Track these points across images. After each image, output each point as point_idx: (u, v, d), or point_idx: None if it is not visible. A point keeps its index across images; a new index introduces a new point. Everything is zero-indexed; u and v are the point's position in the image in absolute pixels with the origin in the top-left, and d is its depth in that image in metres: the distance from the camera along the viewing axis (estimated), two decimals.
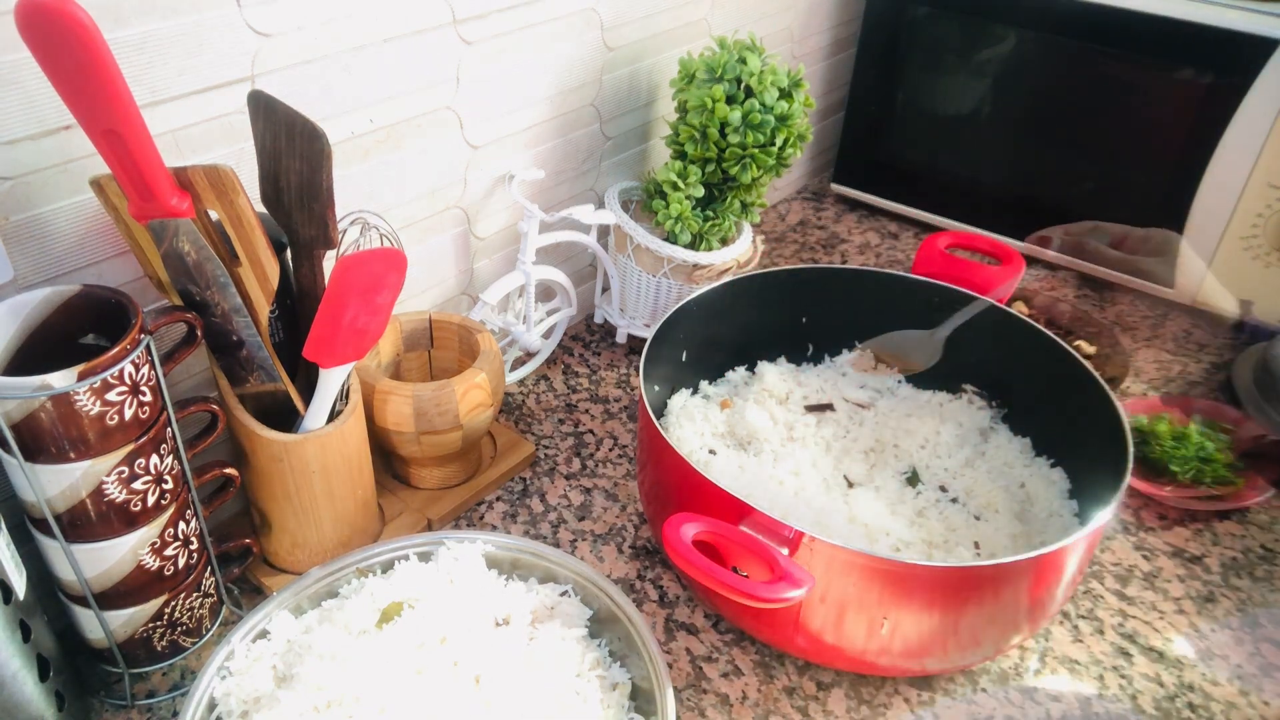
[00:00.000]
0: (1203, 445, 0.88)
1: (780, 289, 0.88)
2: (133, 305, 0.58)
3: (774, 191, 1.35)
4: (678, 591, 0.77)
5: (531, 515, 0.84)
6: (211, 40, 0.63)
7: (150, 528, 0.61)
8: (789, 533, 0.59)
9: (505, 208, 0.93)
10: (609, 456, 0.90)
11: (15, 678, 0.56)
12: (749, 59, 0.90)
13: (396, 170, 0.80)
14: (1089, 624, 0.76)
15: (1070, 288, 1.17)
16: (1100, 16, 1.02)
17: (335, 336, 0.64)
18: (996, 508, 0.76)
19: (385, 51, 0.74)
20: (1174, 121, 1.02)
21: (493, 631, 0.62)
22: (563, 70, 0.91)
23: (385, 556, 0.66)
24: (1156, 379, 1.03)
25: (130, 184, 0.56)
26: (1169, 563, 0.82)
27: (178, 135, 0.64)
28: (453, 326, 0.85)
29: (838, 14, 1.29)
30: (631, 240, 0.96)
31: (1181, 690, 0.71)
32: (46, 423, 0.54)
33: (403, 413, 0.75)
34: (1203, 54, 0.97)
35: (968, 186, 1.21)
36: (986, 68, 1.14)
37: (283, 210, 0.64)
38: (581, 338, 1.07)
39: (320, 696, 0.56)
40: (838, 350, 0.93)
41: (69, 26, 0.47)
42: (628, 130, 1.03)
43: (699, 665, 0.72)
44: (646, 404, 0.71)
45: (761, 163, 0.91)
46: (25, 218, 0.59)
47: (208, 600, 0.69)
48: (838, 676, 0.71)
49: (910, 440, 0.82)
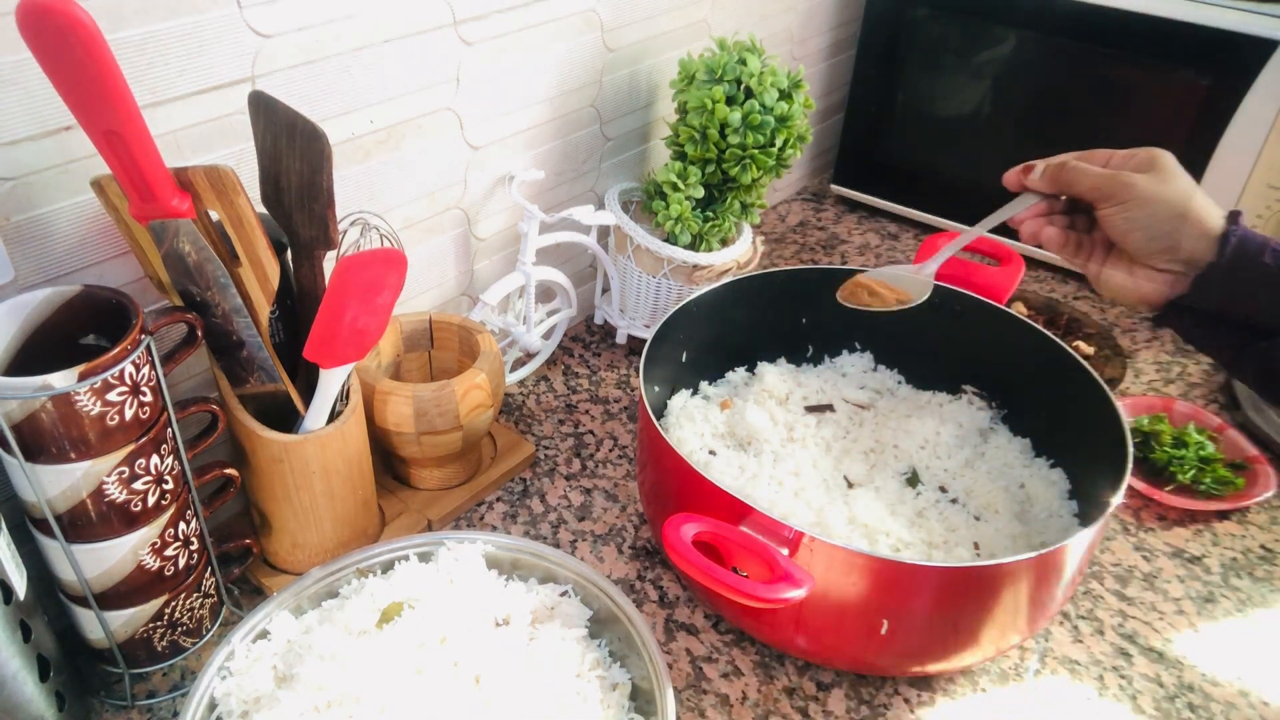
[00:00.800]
0: (1203, 445, 0.88)
1: (780, 290, 0.88)
2: (133, 306, 0.58)
3: (774, 192, 1.36)
4: (678, 592, 0.77)
5: (531, 516, 0.84)
6: (212, 41, 0.63)
7: (151, 528, 0.61)
8: (789, 533, 0.59)
9: (505, 208, 0.93)
10: (609, 457, 0.91)
11: (15, 678, 0.57)
12: (749, 60, 0.90)
13: (397, 171, 0.80)
14: (1089, 624, 0.76)
15: (1070, 288, 1.18)
16: (1100, 17, 1.02)
17: (335, 337, 0.64)
18: (996, 508, 0.76)
19: (385, 52, 0.74)
20: (1174, 122, 1.02)
21: (493, 632, 0.62)
22: (563, 71, 0.91)
23: (385, 557, 0.66)
24: (1156, 380, 1.03)
25: (131, 184, 0.56)
26: (1169, 563, 0.82)
27: (178, 136, 0.64)
28: (453, 327, 0.85)
29: (838, 15, 1.29)
30: (631, 241, 0.96)
31: (1181, 690, 0.71)
32: (47, 423, 0.54)
33: (403, 413, 0.75)
34: (1203, 54, 0.98)
35: (967, 187, 1.21)
36: (986, 69, 1.14)
37: (283, 211, 0.65)
38: (581, 338, 1.07)
39: (320, 696, 0.56)
40: (837, 351, 0.93)
41: (70, 27, 0.47)
42: (628, 131, 1.03)
43: (699, 665, 0.72)
44: (646, 404, 0.71)
45: (761, 163, 0.91)
46: (26, 218, 0.59)
47: (208, 600, 0.69)
48: (838, 676, 0.71)
49: (910, 441, 0.82)
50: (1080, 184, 0.65)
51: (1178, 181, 0.62)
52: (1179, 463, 0.87)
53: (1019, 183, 0.69)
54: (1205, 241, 0.61)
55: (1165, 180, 0.62)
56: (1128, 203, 0.62)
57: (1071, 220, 0.69)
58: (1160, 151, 0.63)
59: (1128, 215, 0.62)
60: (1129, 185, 0.62)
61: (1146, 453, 0.89)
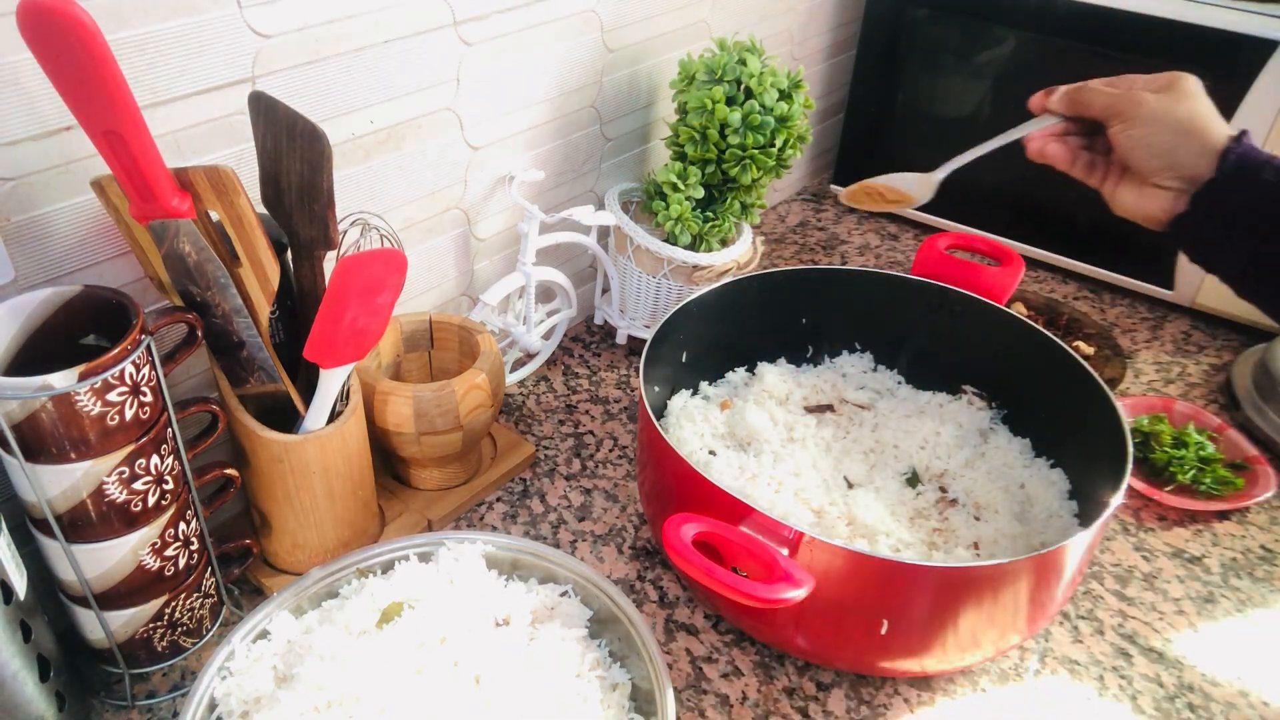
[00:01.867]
0: (1203, 446, 0.88)
1: (780, 290, 0.88)
2: (133, 306, 0.58)
3: (774, 193, 1.36)
4: (678, 592, 0.77)
5: (531, 516, 0.84)
6: (212, 41, 0.63)
7: (151, 528, 0.61)
8: (789, 533, 0.59)
9: (505, 209, 0.93)
10: (609, 457, 0.91)
11: (16, 678, 0.57)
12: (749, 60, 0.90)
13: (397, 171, 0.80)
14: (1089, 624, 0.76)
15: (1070, 288, 1.18)
16: (1100, 17, 1.02)
17: (336, 337, 0.64)
18: (996, 508, 0.76)
19: (386, 53, 0.74)
20: None
21: (493, 632, 0.62)
22: (563, 72, 0.91)
23: (385, 557, 0.66)
24: (1156, 380, 1.03)
25: (131, 185, 0.56)
26: (1169, 563, 0.82)
27: (178, 136, 0.64)
28: (453, 327, 0.85)
29: (837, 16, 1.29)
30: (631, 241, 0.96)
31: (1181, 690, 0.71)
32: (47, 423, 0.54)
33: (403, 413, 0.75)
34: (1203, 54, 0.98)
35: (967, 187, 1.20)
36: (986, 69, 1.14)
37: (283, 211, 0.65)
38: (581, 339, 1.07)
39: (320, 696, 0.56)
40: (837, 351, 0.93)
41: (70, 27, 0.47)
42: (628, 131, 1.03)
43: (699, 665, 0.72)
44: (646, 405, 0.71)
45: (761, 164, 0.91)
46: (26, 218, 0.59)
47: (208, 601, 0.69)
48: (838, 676, 0.71)
49: (910, 441, 0.82)
50: (1094, 104, 0.65)
51: (1191, 102, 0.62)
52: (1179, 463, 0.87)
53: (1041, 105, 0.70)
54: (1206, 158, 0.61)
55: (1178, 100, 0.62)
56: (1134, 120, 0.62)
57: (1091, 142, 0.69)
58: (1183, 75, 0.63)
59: (1131, 132, 0.63)
60: (1137, 103, 0.62)
61: (1146, 453, 0.89)
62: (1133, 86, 0.65)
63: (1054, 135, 0.69)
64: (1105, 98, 0.65)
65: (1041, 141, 0.69)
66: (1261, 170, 0.59)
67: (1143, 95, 0.63)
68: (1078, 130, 0.69)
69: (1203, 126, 0.61)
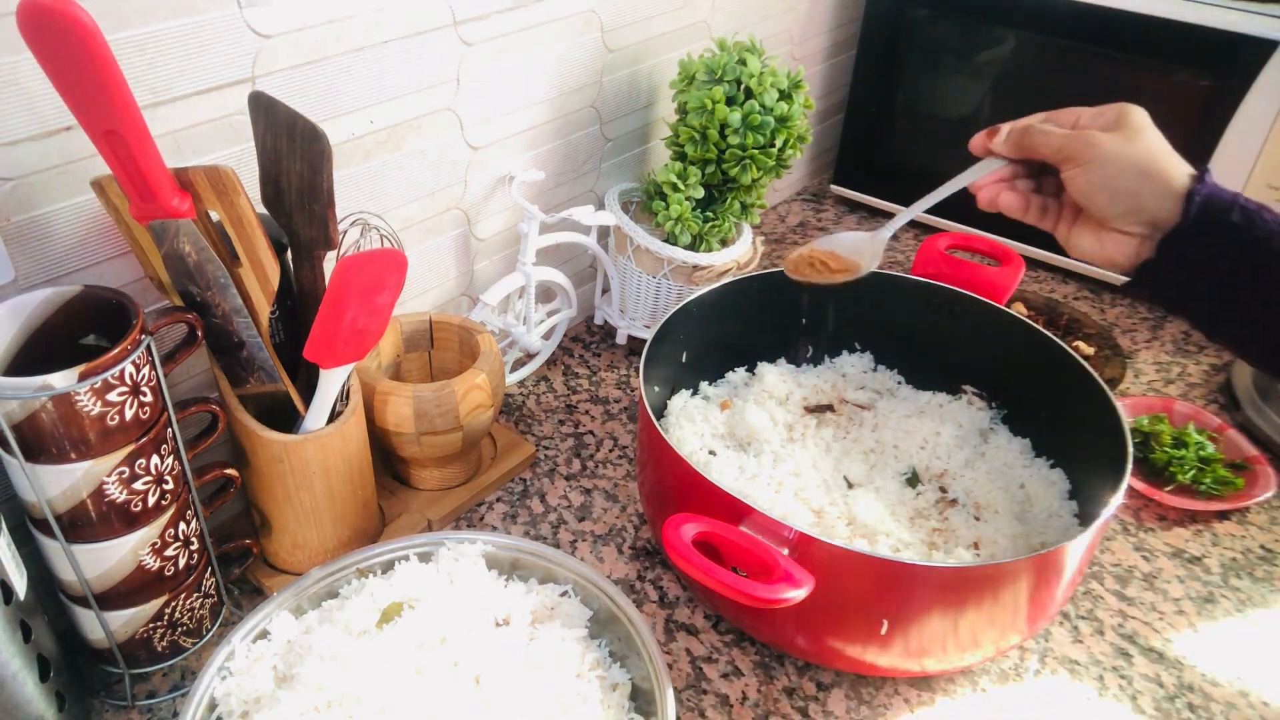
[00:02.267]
0: (1203, 446, 0.88)
1: (780, 290, 0.88)
2: (133, 306, 0.58)
3: (774, 193, 1.36)
4: (678, 592, 0.77)
5: (531, 516, 0.84)
6: (212, 41, 0.63)
7: (151, 528, 0.61)
8: (789, 533, 0.59)
9: (505, 209, 0.93)
10: (609, 457, 0.91)
11: (16, 678, 0.57)
12: (749, 60, 0.90)
13: (397, 171, 0.80)
14: (1089, 624, 0.76)
15: (1070, 288, 1.18)
16: (1100, 17, 1.02)
17: (336, 337, 0.64)
18: (996, 508, 0.76)
19: (386, 53, 0.74)
20: (1173, 122, 1.01)
21: (493, 632, 0.62)
22: (563, 72, 0.91)
23: (385, 557, 0.66)
24: (1156, 380, 1.03)
25: (131, 185, 0.56)
26: (1169, 563, 0.82)
27: (178, 136, 0.64)
28: (453, 327, 0.85)
29: (837, 16, 1.29)
30: (631, 241, 0.96)
31: (1181, 690, 0.71)
32: (47, 423, 0.54)
33: (403, 413, 0.75)
34: (1203, 54, 0.98)
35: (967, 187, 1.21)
36: (986, 69, 1.14)
37: (283, 211, 0.65)
38: (581, 339, 1.07)
39: (320, 696, 0.56)
40: (837, 351, 0.93)
41: (70, 27, 0.47)
42: (628, 132, 1.03)
43: (699, 666, 0.72)
44: (646, 405, 0.71)
45: (761, 164, 0.91)
46: (26, 218, 0.59)
47: (208, 601, 0.69)
48: (838, 676, 0.71)
49: (910, 441, 0.82)
50: (1043, 147, 0.62)
51: (1144, 139, 0.59)
52: (1179, 463, 0.87)
53: (984, 147, 0.66)
54: (1170, 200, 0.58)
55: (1131, 138, 0.59)
56: (1090, 164, 0.59)
57: (1040, 183, 0.66)
58: (1130, 107, 0.60)
59: (1090, 178, 0.59)
60: (1091, 145, 0.59)
61: (1146, 453, 0.89)
62: (1078, 121, 0.62)
63: (1004, 181, 0.65)
64: (1055, 139, 0.61)
65: (992, 191, 0.65)
66: (1229, 213, 0.57)
67: (1095, 135, 0.59)
68: (1025, 173, 0.66)
69: (1163, 167, 0.58)
